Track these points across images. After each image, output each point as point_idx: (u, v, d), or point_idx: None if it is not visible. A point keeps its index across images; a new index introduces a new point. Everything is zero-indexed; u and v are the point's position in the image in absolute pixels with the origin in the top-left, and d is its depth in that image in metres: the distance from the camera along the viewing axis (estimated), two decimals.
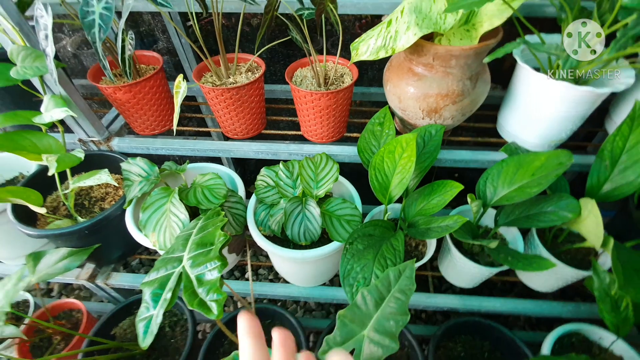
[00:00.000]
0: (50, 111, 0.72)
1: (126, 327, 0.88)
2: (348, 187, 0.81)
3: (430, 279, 0.91)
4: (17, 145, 0.70)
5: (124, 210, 0.77)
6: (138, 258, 1.34)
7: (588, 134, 1.08)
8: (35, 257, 0.76)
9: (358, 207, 0.75)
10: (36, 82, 0.75)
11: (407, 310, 0.51)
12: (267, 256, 1.29)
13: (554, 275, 0.78)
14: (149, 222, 0.68)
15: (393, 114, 0.85)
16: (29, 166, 0.95)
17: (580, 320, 0.79)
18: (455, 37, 0.69)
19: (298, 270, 0.79)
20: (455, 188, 0.68)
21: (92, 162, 0.84)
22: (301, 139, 0.89)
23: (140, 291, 0.53)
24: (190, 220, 0.67)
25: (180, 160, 1.46)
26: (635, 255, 0.63)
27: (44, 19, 0.60)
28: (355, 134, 0.86)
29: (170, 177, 0.83)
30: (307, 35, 0.71)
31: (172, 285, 0.50)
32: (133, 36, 0.76)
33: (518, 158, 0.68)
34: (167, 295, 0.49)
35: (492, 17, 0.61)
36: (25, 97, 0.81)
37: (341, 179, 0.83)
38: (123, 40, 0.71)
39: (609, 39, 0.58)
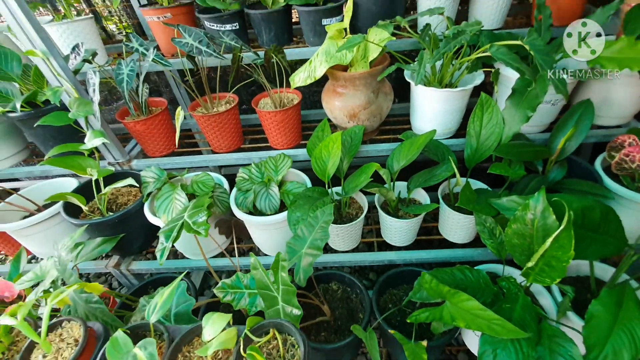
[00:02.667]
0: (92, 141, 1.05)
1: None
2: (303, 177, 1.12)
3: (375, 244, 1.17)
4: (69, 165, 1.03)
5: (142, 208, 1.07)
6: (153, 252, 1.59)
7: None
8: (78, 246, 1.05)
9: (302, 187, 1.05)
10: (81, 123, 1.09)
11: (328, 233, 0.79)
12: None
13: (458, 225, 1.05)
14: (161, 207, 0.98)
15: (331, 123, 1.18)
16: (69, 189, 1.27)
17: (492, 262, 1.04)
18: (359, 66, 1.03)
19: (268, 237, 1.07)
20: (373, 167, 0.98)
21: (118, 177, 1.15)
22: (269, 148, 1.21)
23: (151, 275, 0.82)
24: None
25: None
26: (490, 192, 0.91)
27: (93, 79, 0.96)
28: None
29: (175, 182, 1.14)
30: (263, 76, 1.07)
31: (178, 228, 0.79)
32: (147, 87, 1.11)
33: (411, 140, 1.00)
34: (174, 234, 0.78)
35: (373, 52, 0.96)
36: (71, 134, 1.15)
37: (299, 172, 1.14)
38: (142, 90, 1.07)
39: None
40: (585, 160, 1.05)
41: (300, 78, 0.99)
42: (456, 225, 1.06)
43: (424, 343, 0.77)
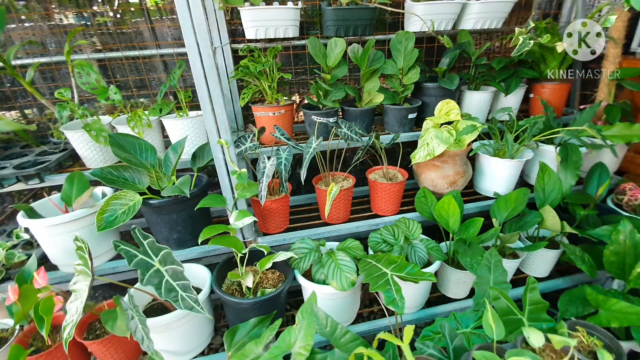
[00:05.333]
0: (242, 220, 1.10)
1: None
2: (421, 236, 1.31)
3: None
4: (230, 244, 1.05)
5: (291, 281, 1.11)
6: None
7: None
8: (232, 332, 1.01)
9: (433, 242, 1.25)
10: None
11: (504, 269, 0.99)
12: None
13: (546, 260, 1.34)
14: (329, 273, 1.05)
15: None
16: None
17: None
18: (453, 146, 1.37)
19: (410, 291, 1.18)
20: (480, 221, 1.25)
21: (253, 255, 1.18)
22: (373, 216, 1.40)
23: None
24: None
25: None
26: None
27: (264, 163, 1.08)
28: (404, 207, 1.42)
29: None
30: (383, 155, 1.32)
31: (392, 282, 0.89)
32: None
33: (504, 197, 1.31)
34: (394, 287, 0.88)
35: (469, 138, 1.31)
36: (198, 217, 1.17)
37: None
38: (303, 172, 1.20)
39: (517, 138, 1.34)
40: None
41: (421, 156, 1.28)
42: (543, 261, 1.35)
43: None
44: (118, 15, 1.44)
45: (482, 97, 1.56)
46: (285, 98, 1.49)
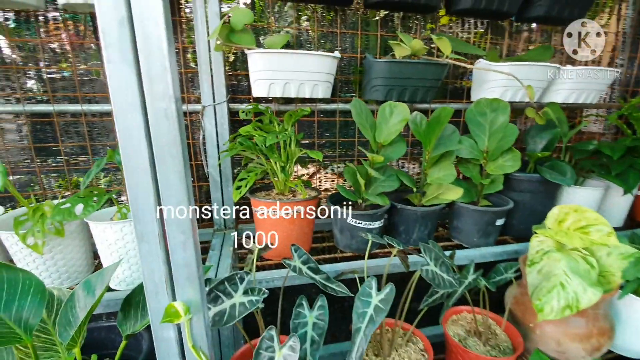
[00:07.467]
0: None
1: None
2: None
3: None
4: None
5: None
6: None
7: None
8: None
9: None
10: None
11: None
12: None
13: None
14: None
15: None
16: None
17: None
18: None
19: None
20: None
21: None
22: None
23: None
24: None
25: None
26: None
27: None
28: None
29: None
30: (486, 296, 0.75)
31: None
32: None
33: None
34: None
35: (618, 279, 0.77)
36: None
37: None
38: None
39: None
40: None
41: (554, 308, 0.71)
42: None
43: None
44: (60, 51, 0.95)
45: (590, 195, 1.07)
46: (305, 185, 0.96)
